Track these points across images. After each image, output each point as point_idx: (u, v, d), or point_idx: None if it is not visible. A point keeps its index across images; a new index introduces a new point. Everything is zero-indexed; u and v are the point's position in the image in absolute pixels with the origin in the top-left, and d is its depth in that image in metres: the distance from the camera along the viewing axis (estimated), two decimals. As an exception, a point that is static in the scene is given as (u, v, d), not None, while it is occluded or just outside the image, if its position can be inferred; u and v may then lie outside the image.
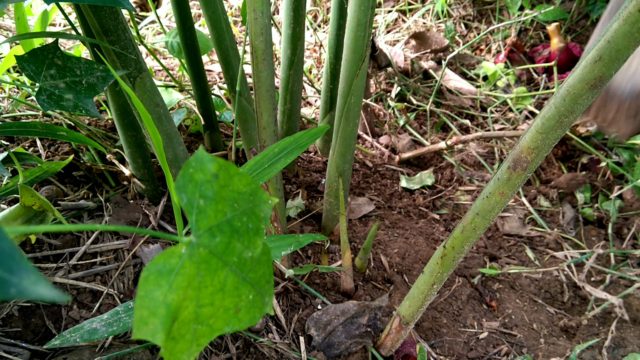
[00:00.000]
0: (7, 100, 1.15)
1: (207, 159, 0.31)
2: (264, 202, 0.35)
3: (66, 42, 1.47)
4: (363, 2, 0.75)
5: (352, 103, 0.85)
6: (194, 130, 1.22)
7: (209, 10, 0.91)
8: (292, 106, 1.11)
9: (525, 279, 1.09)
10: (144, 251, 0.89)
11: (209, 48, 1.12)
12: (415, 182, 1.30)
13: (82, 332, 0.61)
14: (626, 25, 0.41)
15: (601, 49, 0.43)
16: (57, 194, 0.95)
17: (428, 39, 1.65)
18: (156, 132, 0.50)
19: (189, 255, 0.31)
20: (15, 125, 0.82)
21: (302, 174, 1.21)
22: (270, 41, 0.73)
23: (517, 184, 0.54)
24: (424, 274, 0.70)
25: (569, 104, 0.46)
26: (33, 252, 0.87)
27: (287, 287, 0.91)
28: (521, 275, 1.10)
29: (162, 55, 1.63)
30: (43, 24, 1.05)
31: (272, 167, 0.67)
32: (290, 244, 0.73)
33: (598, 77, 0.44)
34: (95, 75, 0.69)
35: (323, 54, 1.63)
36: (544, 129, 0.49)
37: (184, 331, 0.32)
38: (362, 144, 1.40)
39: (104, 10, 0.69)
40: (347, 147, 0.92)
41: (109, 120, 1.17)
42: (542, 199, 1.29)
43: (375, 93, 1.54)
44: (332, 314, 0.84)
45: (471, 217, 0.60)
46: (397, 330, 0.78)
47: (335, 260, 1.02)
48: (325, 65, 1.12)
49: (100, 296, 0.83)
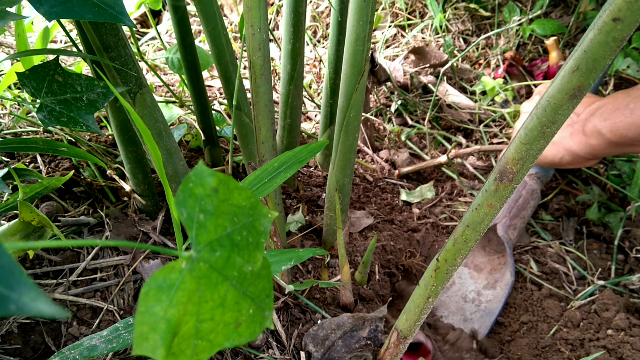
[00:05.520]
0: (8, 117, 1.15)
1: (206, 173, 0.31)
2: (264, 216, 0.35)
3: (67, 59, 1.48)
4: (361, 17, 0.75)
5: (351, 117, 0.86)
6: (194, 146, 1.23)
7: (209, 27, 0.92)
8: (292, 121, 1.11)
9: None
10: (144, 267, 0.89)
11: (209, 64, 1.13)
12: (416, 196, 1.30)
13: (81, 349, 0.61)
14: (601, 34, 0.41)
15: (578, 59, 0.43)
16: (57, 209, 0.95)
17: (427, 54, 1.66)
18: (156, 148, 0.50)
19: (189, 270, 0.31)
20: (16, 142, 0.82)
21: (302, 188, 1.21)
22: (268, 56, 0.74)
23: (504, 196, 0.54)
24: (419, 287, 0.69)
25: (550, 115, 0.47)
26: (33, 268, 0.87)
27: (287, 302, 0.91)
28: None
29: (162, 71, 1.64)
30: (44, 40, 1.05)
31: (272, 182, 0.67)
32: (290, 259, 0.73)
33: (577, 87, 0.44)
34: (95, 91, 0.69)
35: (323, 69, 1.64)
36: (527, 139, 0.49)
37: (184, 346, 0.32)
38: (362, 158, 1.40)
39: (105, 27, 0.69)
40: (346, 161, 0.92)
41: (109, 136, 1.17)
42: (544, 213, 1.29)
43: (375, 107, 1.55)
44: (327, 329, 0.84)
45: (462, 230, 0.60)
46: (396, 344, 0.77)
47: (336, 274, 1.01)
48: (325, 80, 1.13)
49: (100, 312, 0.83)
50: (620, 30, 0.40)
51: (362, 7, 0.75)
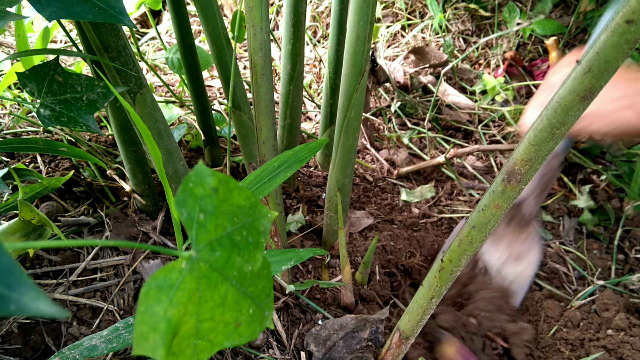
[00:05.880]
0: (8, 117, 1.15)
1: (206, 173, 0.31)
2: (264, 216, 0.35)
3: (67, 59, 1.48)
4: (362, 18, 0.75)
5: (351, 117, 0.86)
6: (194, 146, 1.23)
7: (209, 27, 0.92)
8: (292, 121, 1.11)
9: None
10: (144, 267, 0.89)
11: (209, 64, 1.13)
12: (416, 196, 1.30)
13: (81, 349, 0.61)
14: (614, 36, 0.41)
15: (590, 60, 0.43)
16: (57, 209, 0.95)
17: (427, 54, 1.66)
18: (156, 148, 0.50)
19: (189, 270, 0.31)
20: (16, 142, 0.82)
21: (302, 188, 1.21)
22: (270, 56, 0.74)
23: (512, 196, 0.54)
24: (423, 288, 0.69)
25: (560, 116, 0.47)
26: (33, 268, 0.87)
27: (288, 302, 0.91)
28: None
29: (162, 71, 1.64)
30: (44, 40, 1.05)
31: (272, 181, 0.67)
32: (290, 259, 0.73)
33: (588, 89, 0.44)
34: (95, 91, 0.69)
35: (323, 69, 1.64)
36: (536, 141, 0.49)
37: (184, 346, 0.32)
38: (362, 157, 1.40)
39: (105, 27, 0.69)
40: (347, 161, 0.92)
41: (109, 136, 1.17)
42: (544, 213, 1.29)
43: (375, 107, 1.55)
44: (330, 329, 0.84)
45: (468, 230, 0.60)
46: (397, 345, 0.77)
47: (336, 274, 1.01)
48: (325, 80, 1.13)
49: (100, 312, 0.83)
50: (634, 33, 0.40)
51: (363, 8, 0.75)
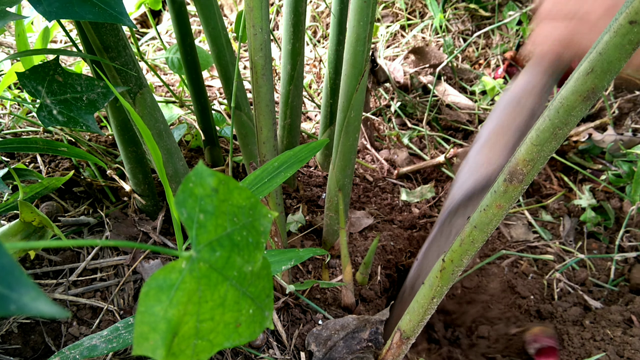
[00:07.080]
0: (8, 117, 1.15)
1: (206, 173, 0.31)
2: (264, 216, 0.35)
3: (67, 59, 1.48)
4: (362, 18, 0.75)
5: (351, 117, 0.86)
6: (194, 146, 1.23)
7: (209, 27, 0.92)
8: (292, 121, 1.11)
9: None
10: (145, 267, 0.89)
11: (209, 64, 1.13)
12: (416, 196, 1.30)
13: (81, 348, 0.61)
14: (617, 37, 0.41)
15: (593, 61, 0.43)
16: (57, 209, 0.95)
17: (427, 54, 1.66)
18: (156, 148, 0.50)
19: (189, 270, 0.31)
20: (16, 142, 0.82)
21: (302, 188, 1.21)
22: (270, 57, 0.74)
23: (513, 197, 0.54)
24: (424, 287, 0.69)
25: (562, 116, 0.47)
26: (33, 268, 0.87)
27: (288, 302, 0.91)
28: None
29: (162, 71, 1.64)
30: (44, 40, 1.05)
31: (272, 181, 0.67)
32: (290, 259, 0.73)
33: (591, 89, 0.44)
34: (95, 91, 0.69)
35: (323, 69, 1.64)
36: (538, 141, 0.49)
37: (184, 346, 0.32)
38: (362, 157, 1.40)
39: (105, 27, 0.69)
40: (347, 161, 0.92)
41: (109, 136, 1.17)
42: (544, 212, 1.29)
43: (375, 107, 1.55)
44: (331, 329, 0.84)
45: (469, 230, 0.60)
46: (398, 345, 0.77)
47: (336, 274, 1.01)
48: (325, 80, 1.13)
49: (100, 312, 0.83)
50: (637, 33, 0.40)
51: (363, 8, 0.75)
